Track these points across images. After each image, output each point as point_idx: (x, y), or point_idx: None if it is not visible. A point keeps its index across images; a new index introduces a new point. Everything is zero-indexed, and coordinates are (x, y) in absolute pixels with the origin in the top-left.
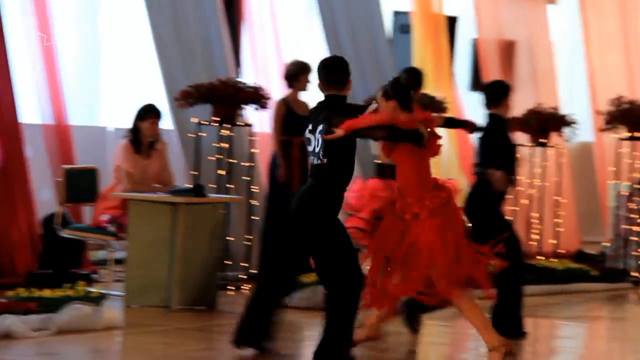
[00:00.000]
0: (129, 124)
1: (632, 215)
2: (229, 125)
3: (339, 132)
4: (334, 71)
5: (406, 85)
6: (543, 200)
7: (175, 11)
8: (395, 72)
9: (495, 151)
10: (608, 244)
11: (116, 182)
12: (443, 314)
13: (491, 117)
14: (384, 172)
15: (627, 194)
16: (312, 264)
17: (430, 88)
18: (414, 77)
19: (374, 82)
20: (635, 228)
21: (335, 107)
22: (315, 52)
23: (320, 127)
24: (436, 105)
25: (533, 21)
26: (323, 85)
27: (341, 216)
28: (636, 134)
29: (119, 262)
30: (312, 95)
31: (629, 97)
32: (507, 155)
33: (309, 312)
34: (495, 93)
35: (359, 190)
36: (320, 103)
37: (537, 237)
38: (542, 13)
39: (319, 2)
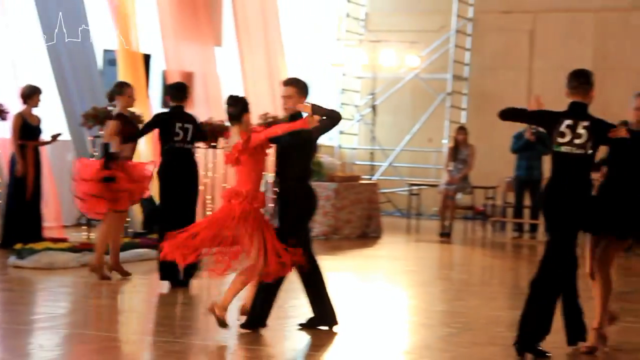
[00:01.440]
0: None
1: None
2: None
3: None
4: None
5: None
6: (214, 186)
7: None
8: (104, 94)
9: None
10: None
11: None
12: None
13: (176, 107)
14: (108, 155)
15: None
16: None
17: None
18: (119, 88)
19: (89, 102)
20: None
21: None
22: (44, 78)
23: None
24: (136, 118)
25: (205, 58)
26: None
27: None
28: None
29: None
30: (42, 110)
31: (273, 114)
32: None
33: (39, 271)
34: (177, 90)
35: (84, 169)
36: None
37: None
38: (211, 52)
39: (46, 40)
